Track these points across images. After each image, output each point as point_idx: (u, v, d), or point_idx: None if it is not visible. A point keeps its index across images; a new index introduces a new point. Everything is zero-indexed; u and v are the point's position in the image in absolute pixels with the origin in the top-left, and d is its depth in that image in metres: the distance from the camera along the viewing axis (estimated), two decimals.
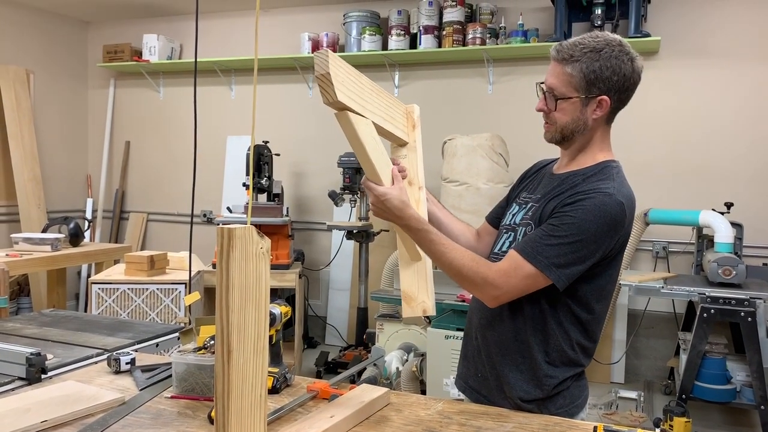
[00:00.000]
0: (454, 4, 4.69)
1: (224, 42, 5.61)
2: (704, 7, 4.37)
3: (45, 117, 5.82)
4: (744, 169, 4.30)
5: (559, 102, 1.51)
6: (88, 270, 5.98)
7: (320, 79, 1.25)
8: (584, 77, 1.47)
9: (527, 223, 1.55)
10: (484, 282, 1.46)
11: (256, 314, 1.13)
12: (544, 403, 1.54)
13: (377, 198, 1.47)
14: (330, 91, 1.26)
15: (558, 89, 1.50)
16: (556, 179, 1.59)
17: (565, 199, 1.47)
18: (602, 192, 1.45)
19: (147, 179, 6.07)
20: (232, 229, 1.07)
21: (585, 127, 1.53)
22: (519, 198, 1.67)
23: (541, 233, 1.45)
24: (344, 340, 5.18)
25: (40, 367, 1.65)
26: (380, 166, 1.46)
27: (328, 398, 1.53)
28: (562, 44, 1.50)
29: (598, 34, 1.51)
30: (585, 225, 1.42)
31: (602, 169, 1.54)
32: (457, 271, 1.48)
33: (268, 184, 4.61)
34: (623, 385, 4.36)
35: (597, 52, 1.46)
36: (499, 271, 1.46)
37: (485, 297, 1.50)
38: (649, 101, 4.49)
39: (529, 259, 1.43)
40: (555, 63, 1.51)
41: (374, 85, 1.45)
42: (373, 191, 1.47)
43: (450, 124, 4.83)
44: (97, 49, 6.02)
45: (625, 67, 1.47)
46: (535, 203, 1.58)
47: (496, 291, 1.46)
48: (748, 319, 3.45)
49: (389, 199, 1.46)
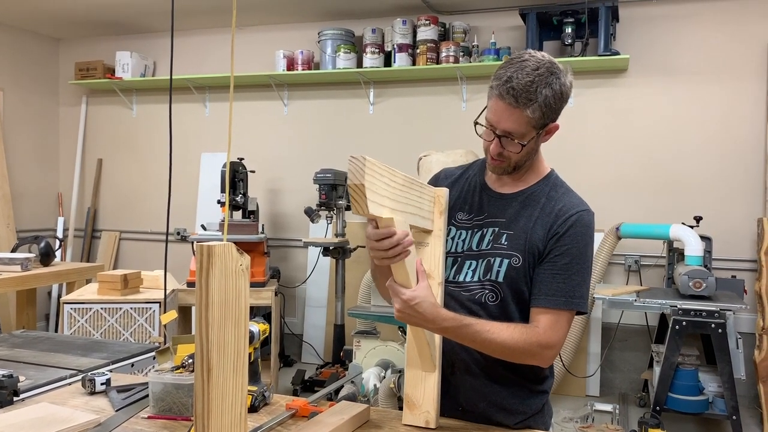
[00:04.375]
0: (427, 23, 4.76)
1: (198, 59, 5.60)
2: (670, 25, 4.49)
3: (15, 134, 5.74)
4: (712, 184, 4.41)
5: (523, 145, 1.47)
6: (58, 290, 5.87)
7: (353, 188, 1.17)
8: (542, 115, 1.43)
9: (509, 255, 1.50)
10: (540, 347, 1.44)
11: (235, 331, 1.12)
12: (534, 419, 1.57)
13: (405, 303, 1.33)
14: (362, 203, 1.18)
15: (517, 132, 1.45)
16: (510, 201, 1.56)
17: (556, 229, 1.49)
18: (579, 209, 1.51)
19: (119, 197, 6.00)
20: (212, 246, 1.07)
21: (535, 153, 1.56)
22: (456, 220, 1.60)
23: (561, 275, 1.46)
24: (321, 358, 5.15)
25: (12, 389, 1.62)
26: (411, 269, 1.34)
27: (308, 416, 1.52)
28: (516, 89, 1.40)
29: (532, 59, 1.43)
30: (586, 249, 1.50)
31: (552, 179, 1.59)
32: (511, 351, 1.43)
33: (244, 201, 4.59)
34: (598, 398, 4.39)
35: (547, 85, 1.41)
36: (546, 330, 1.45)
37: (543, 360, 1.48)
38: (619, 118, 4.59)
39: (566, 306, 1.46)
40: (511, 108, 1.42)
41: (406, 179, 1.35)
42: (399, 295, 1.34)
43: (425, 140, 4.87)
44: (69, 66, 5.96)
45: (564, 88, 1.45)
46: (503, 229, 1.53)
47: (552, 350, 1.46)
48: (719, 331, 3.52)
49: (419, 303, 1.33)
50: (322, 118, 5.32)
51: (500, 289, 1.51)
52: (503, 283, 1.51)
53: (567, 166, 4.37)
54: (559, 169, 1.65)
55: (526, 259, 1.50)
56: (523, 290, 1.51)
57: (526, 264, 1.50)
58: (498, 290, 1.51)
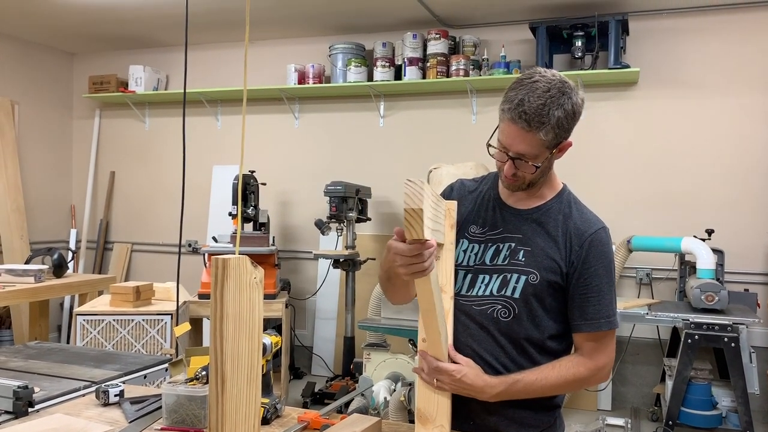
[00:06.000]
0: (437, 37, 4.79)
1: (210, 73, 5.66)
2: (681, 38, 4.50)
3: (29, 147, 5.80)
4: (724, 196, 4.39)
5: (537, 166, 1.47)
6: (71, 301, 5.90)
7: (409, 213, 1.14)
8: (555, 136, 1.43)
9: (527, 271, 1.51)
10: (591, 374, 1.53)
11: (249, 344, 1.13)
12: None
13: (452, 376, 1.42)
14: (418, 228, 1.15)
15: (530, 154, 1.45)
16: (526, 217, 1.57)
17: (578, 251, 1.51)
18: (596, 227, 1.54)
19: (132, 209, 6.04)
20: (227, 260, 1.08)
21: (549, 170, 1.56)
22: (468, 233, 1.60)
23: (595, 297, 1.50)
24: (331, 371, 5.15)
25: (27, 400, 1.63)
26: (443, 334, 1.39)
27: (320, 428, 1.52)
28: (528, 113, 1.39)
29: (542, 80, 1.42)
30: (610, 266, 1.54)
31: (566, 195, 1.61)
32: (566, 388, 1.53)
33: (255, 214, 4.61)
34: (610, 412, 4.35)
35: (559, 107, 1.40)
36: (593, 355, 1.53)
37: (600, 382, 1.58)
38: (630, 131, 4.59)
39: (607, 327, 1.52)
40: (524, 132, 1.41)
41: (435, 196, 1.36)
42: (447, 373, 1.42)
43: (435, 153, 4.88)
44: (83, 80, 6.03)
45: (576, 106, 1.44)
46: (520, 245, 1.53)
47: (605, 370, 1.55)
48: (732, 345, 3.49)
49: (466, 374, 1.43)
50: (333, 131, 5.35)
51: (515, 305, 1.51)
52: (519, 299, 1.51)
53: (578, 178, 4.38)
54: (570, 182, 1.66)
55: (544, 276, 1.50)
56: (537, 307, 1.51)
57: (544, 282, 1.50)
58: (512, 306, 1.51)
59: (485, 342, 1.52)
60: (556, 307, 1.53)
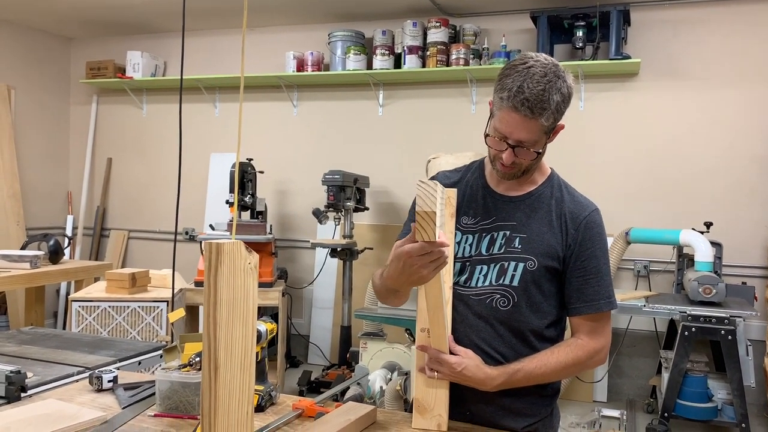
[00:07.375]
0: (438, 25, 4.75)
1: (208, 60, 5.62)
2: (683, 29, 4.47)
3: (26, 133, 5.77)
4: (723, 189, 4.38)
5: (538, 152, 1.47)
6: (67, 288, 5.89)
7: (422, 215, 1.13)
8: (554, 120, 1.42)
9: (524, 258, 1.50)
10: (589, 357, 1.53)
11: (243, 330, 1.12)
12: (543, 423, 1.57)
13: (452, 368, 1.43)
14: (429, 231, 1.14)
15: (530, 141, 1.43)
16: (519, 203, 1.55)
17: (574, 234, 1.51)
18: (589, 210, 1.54)
19: (128, 196, 6.02)
20: (221, 244, 1.07)
21: (544, 154, 1.54)
22: (461, 224, 1.57)
23: (594, 279, 1.51)
24: (327, 359, 5.15)
25: (20, 385, 1.62)
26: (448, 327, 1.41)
27: (314, 416, 1.52)
28: (530, 100, 1.37)
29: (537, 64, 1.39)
30: (605, 247, 1.56)
31: (555, 180, 1.60)
32: (566, 373, 1.53)
33: (252, 202, 4.60)
34: (606, 403, 4.36)
35: (557, 91, 1.39)
36: (592, 337, 1.53)
37: (598, 364, 1.58)
38: (630, 122, 4.56)
39: (605, 307, 1.53)
40: (527, 119, 1.39)
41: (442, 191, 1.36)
42: (447, 366, 1.43)
43: (434, 142, 4.86)
44: (80, 65, 5.99)
45: (570, 89, 1.43)
46: (515, 232, 1.52)
47: (603, 352, 1.55)
48: (729, 338, 3.49)
49: (466, 366, 1.43)
50: (332, 119, 5.33)
51: (514, 294, 1.50)
52: (518, 287, 1.50)
53: (577, 169, 4.38)
54: (569, 173, 1.65)
55: (541, 262, 1.50)
56: (536, 293, 1.51)
57: (542, 267, 1.50)
58: (511, 295, 1.50)
59: (484, 332, 1.52)
60: (554, 292, 1.53)
